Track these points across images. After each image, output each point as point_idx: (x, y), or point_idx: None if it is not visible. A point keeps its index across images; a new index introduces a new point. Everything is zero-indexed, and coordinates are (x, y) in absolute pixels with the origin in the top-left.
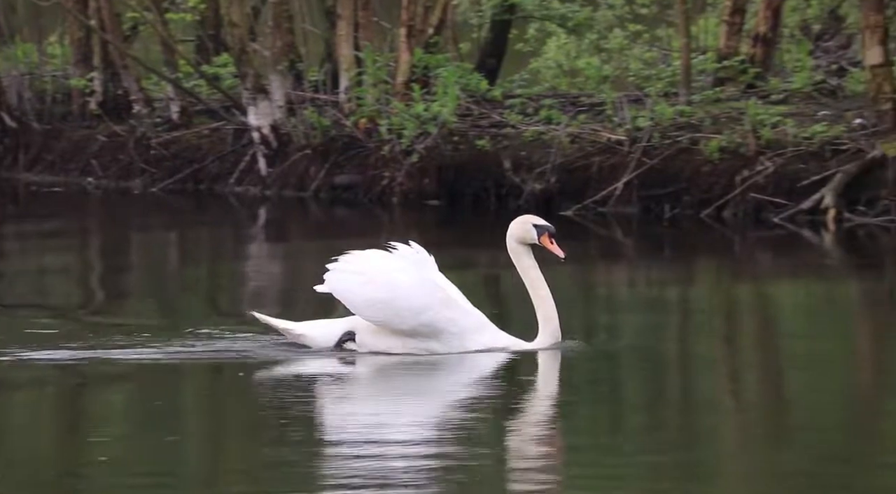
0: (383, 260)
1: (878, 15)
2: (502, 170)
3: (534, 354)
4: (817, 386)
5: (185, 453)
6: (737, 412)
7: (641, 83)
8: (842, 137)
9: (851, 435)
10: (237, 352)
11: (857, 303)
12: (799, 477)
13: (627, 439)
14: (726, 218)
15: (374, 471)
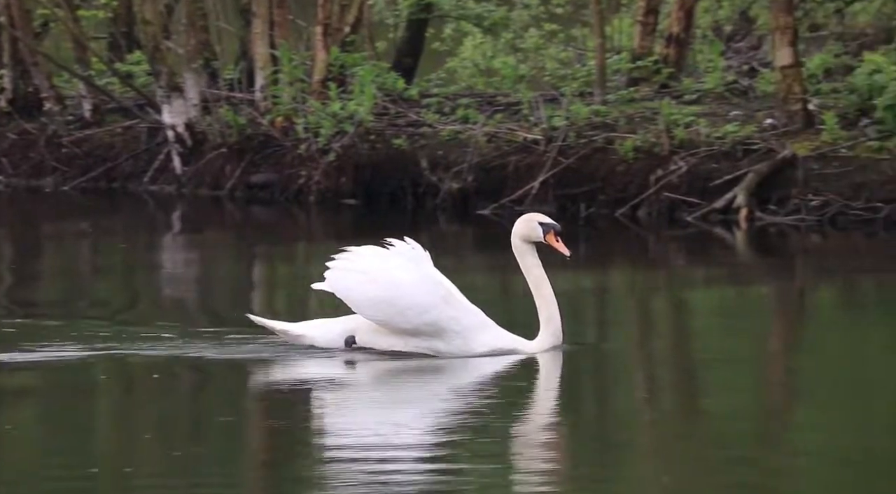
0: (384, 258)
1: (788, 16)
2: (419, 169)
3: (536, 354)
4: (729, 384)
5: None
6: (647, 414)
7: (557, 83)
8: (753, 137)
9: (757, 437)
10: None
11: (769, 301)
12: (702, 477)
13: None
14: (641, 217)
15: (373, 475)
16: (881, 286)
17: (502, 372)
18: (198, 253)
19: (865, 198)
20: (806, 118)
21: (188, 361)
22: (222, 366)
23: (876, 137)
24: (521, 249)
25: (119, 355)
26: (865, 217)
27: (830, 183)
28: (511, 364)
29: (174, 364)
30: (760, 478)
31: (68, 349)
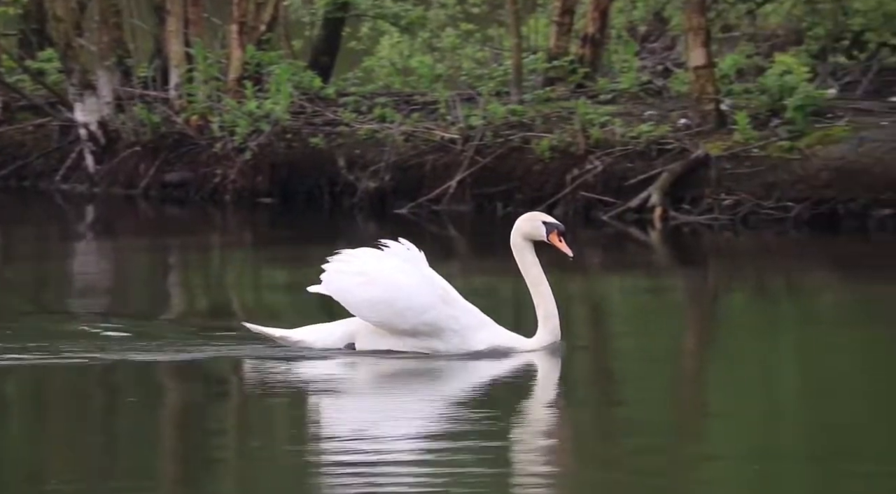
0: (380, 259)
1: (701, 17)
2: (336, 168)
3: (534, 352)
4: (645, 381)
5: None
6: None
7: (474, 82)
8: (667, 137)
9: (673, 431)
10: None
11: (683, 299)
12: (614, 471)
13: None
14: (557, 216)
15: (371, 478)
16: (791, 284)
17: (501, 371)
18: (111, 253)
19: (776, 198)
20: (718, 118)
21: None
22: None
23: (786, 137)
24: (520, 247)
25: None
26: (776, 216)
27: (742, 182)
28: (509, 362)
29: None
30: (672, 472)
31: None
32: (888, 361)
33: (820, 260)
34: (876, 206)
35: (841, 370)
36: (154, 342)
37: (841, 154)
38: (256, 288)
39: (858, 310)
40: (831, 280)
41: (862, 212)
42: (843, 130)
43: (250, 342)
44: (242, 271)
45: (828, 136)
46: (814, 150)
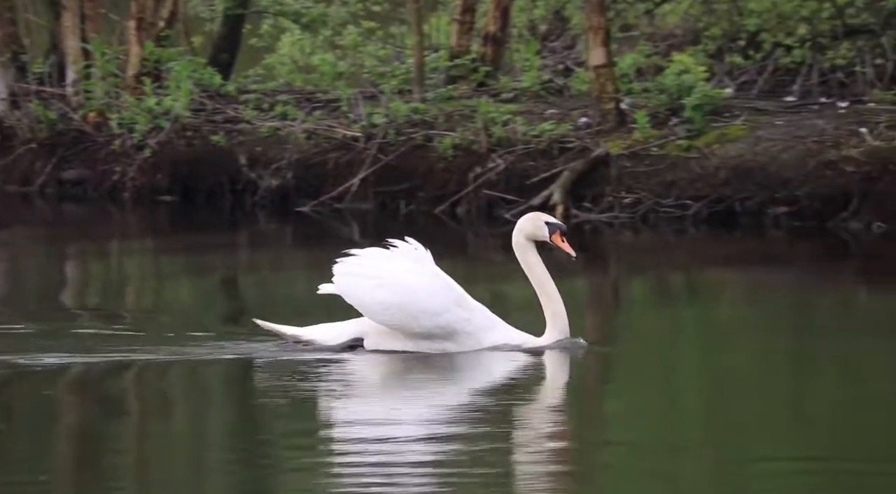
0: (391, 261)
1: (601, 17)
2: (238, 166)
3: (544, 351)
4: (539, 377)
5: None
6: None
7: (376, 80)
8: (568, 135)
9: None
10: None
11: (585, 296)
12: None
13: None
14: (460, 214)
15: (383, 475)
16: (690, 280)
17: (513, 369)
18: (4, 251)
19: (675, 196)
20: (618, 117)
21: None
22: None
23: (685, 136)
24: (523, 247)
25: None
26: (675, 214)
27: (642, 181)
28: (521, 360)
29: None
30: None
31: None
32: (783, 353)
33: (717, 258)
34: (771, 205)
35: (738, 363)
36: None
37: (738, 153)
38: (156, 286)
39: (752, 305)
40: (727, 276)
41: (758, 210)
42: (739, 129)
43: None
44: (141, 269)
45: (725, 135)
46: (711, 149)
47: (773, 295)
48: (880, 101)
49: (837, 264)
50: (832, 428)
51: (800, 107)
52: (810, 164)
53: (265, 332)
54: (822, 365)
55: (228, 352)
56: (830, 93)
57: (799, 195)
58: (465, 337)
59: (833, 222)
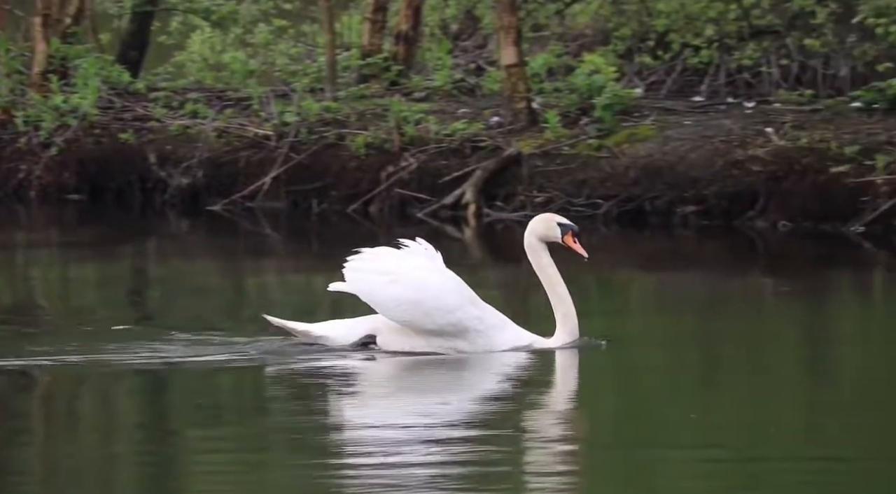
0: (404, 258)
1: (512, 16)
2: (147, 164)
3: (554, 352)
4: (446, 371)
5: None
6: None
7: (288, 78)
8: (481, 135)
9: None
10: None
11: (498, 295)
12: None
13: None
14: (373, 213)
15: (392, 474)
16: (600, 278)
17: (523, 370)
18: None
19: (587, 195)
20: (530, 116)
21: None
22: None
23: (595, 136)
24: (535, 248)
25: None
26: (586, 213)
27: (554, 180)
28: (531, 361)
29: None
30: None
31: None
32: (692, 348)
33: (627, 256)
34: (680, 204)
35: (647, 357)
36: None
37: (647, 152)
38: (62, 286)
39: (661, 302)
40: (636, 274)
41: (667, 209)
42: (649, 129)
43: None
44: (48, 269)
45: (634, 135)
46: (621, 149)
47: (681, 293)
48: (785, 102)
49: (744, 262)
50: (745, 427)
51: (707, 108)
52: (718, 164)
53: (275, 329)
54: (733, 363)
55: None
56: (737, 94)
57: (707, 194)
58: (476, 335)
59: (740, 221)
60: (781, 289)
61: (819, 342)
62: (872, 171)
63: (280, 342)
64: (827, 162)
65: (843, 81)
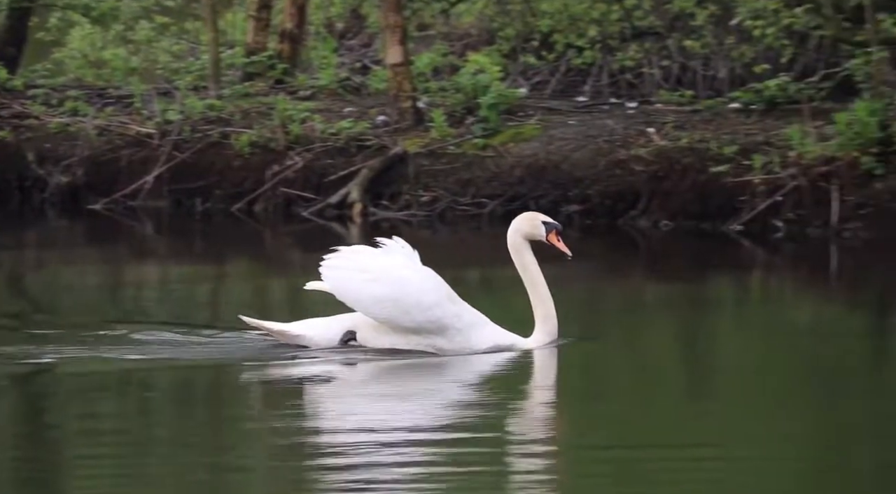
0: (382, 256)
1: (397, 15)
2: (26, 163)
3: (532, 350)
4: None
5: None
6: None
7: (170, 76)
8: (366, 134)
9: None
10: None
11: None
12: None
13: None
14: (257, 212)
15: (368, 475)
16: (484, 276)
17: (500, 369)
18: None
19: (472, 194)
20: (416, 116)
21: None
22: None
23: (481, 135)
24: (519, 247)
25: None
26: (472, 212)
27: (439, 179)
28: (508, 360)
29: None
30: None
31: None
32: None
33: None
34: (564, 203)
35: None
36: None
37: (532, 152)
38: None
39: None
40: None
41: (552, 208)
42: (533, 129)
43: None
44: None
45: (519, 134)
46: (507, 148)
47: (565, 291)
48: (667, 102)
49: (626, 261)
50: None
51: (591, 108)
52: (601, 164)
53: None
54: (614, 359)
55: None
56: (620, 94)
57: (590, 193)
58: (455, 333)
59: (623, 220)
60: (657, 273)
61: (698, 338)
62: (750, 171)
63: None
64: (707, 162)
65: (721, 82)
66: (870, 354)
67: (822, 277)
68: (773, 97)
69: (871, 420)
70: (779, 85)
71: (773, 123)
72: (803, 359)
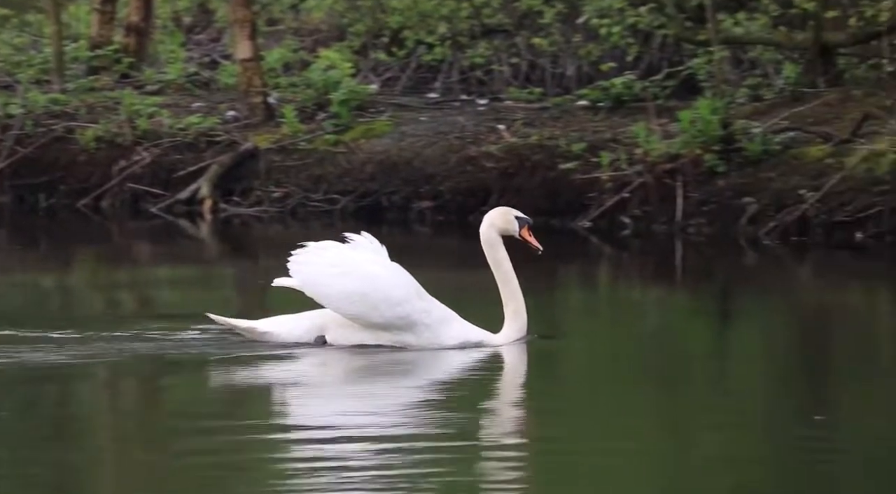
0: (350, 251)
1: (246, 10)
2: None
3: (501, 347)
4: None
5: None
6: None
7: (11, 69)
8: (216, 129)
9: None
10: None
11: (230, 290)
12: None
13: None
14: (104, 208)
15: (337, 472)
16: None
17: (470, 365)
18: None
19: (324, 191)
20: (266, 111)
21: None
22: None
23: (332, 131)
24: (492, 242)
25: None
26: (324, 208)
27: (291, 175)
28: (477, 356)
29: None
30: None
31: None
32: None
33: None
34: (416, 199)
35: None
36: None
37: (383, 148)
38: None
39: None
40: None
41: (404, 204)
42: (385, 125)
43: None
44: None
45: (371, 131)
46: (358, 144)
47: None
48: (516, 99)
49: (476, 258)
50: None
51: (442, 104)
52: (452, 160)
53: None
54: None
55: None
56: (470, 91)
57: (442, 190)
58: (423, 328)
59: (474, 216)
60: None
61: (549, 331)
62: (598, 168)
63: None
64: (556, 159)
65: (570, 80)
66: (710, 345)
67: (667, 272)
68: (620, 95)
69: (707, 411)
70: (625, 83)
71: (620, 121)
72: (652, 350)
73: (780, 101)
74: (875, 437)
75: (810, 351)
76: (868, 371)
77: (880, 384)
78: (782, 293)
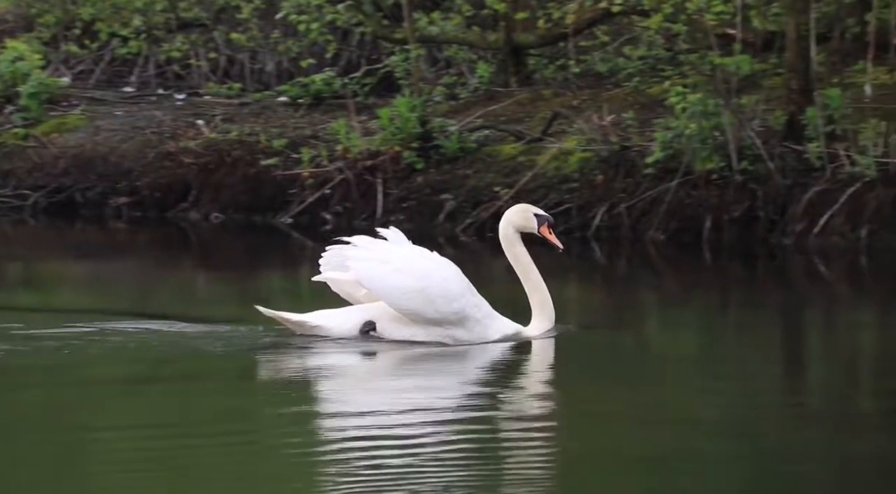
0: (399, 247)
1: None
2: None
3: (535, 338)
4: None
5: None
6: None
7: None
8: None
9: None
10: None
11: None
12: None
13: None
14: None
15: (379, 464)
16: (27, 272)
17: (510, 357)
18: None
19: (13, 186)
20: None
21: None
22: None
23: (21, 125)
24: (510, 238)
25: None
26: (14, 204)
27: None
28: (512, 350)
29: None
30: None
31: None
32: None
33: (57, 248)
34: (113, 195)
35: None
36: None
37: (77, 142)
38: None
39: (93, 294)
40: (67, 267)
41: (99, 200)
42: (78, 119)
43: None
44: None
45: (64, 124)
46: (50, 138)
47: (117, 284)
48: (215, 95)
49: (177, 253)
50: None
51: (138, 99)
52: (150, 155)
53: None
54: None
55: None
56: (168, 85)
57: (139, 185)
58: (474, 323)
59: (173, 212)
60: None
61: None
62: (299, 165)
63: None
64: (257, 155)
65: (269, 76)
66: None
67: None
68: (320, 92)
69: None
70: (324, 80)
71: (321, 117)
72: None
73: (475, 100)
74: None
75: None
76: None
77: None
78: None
